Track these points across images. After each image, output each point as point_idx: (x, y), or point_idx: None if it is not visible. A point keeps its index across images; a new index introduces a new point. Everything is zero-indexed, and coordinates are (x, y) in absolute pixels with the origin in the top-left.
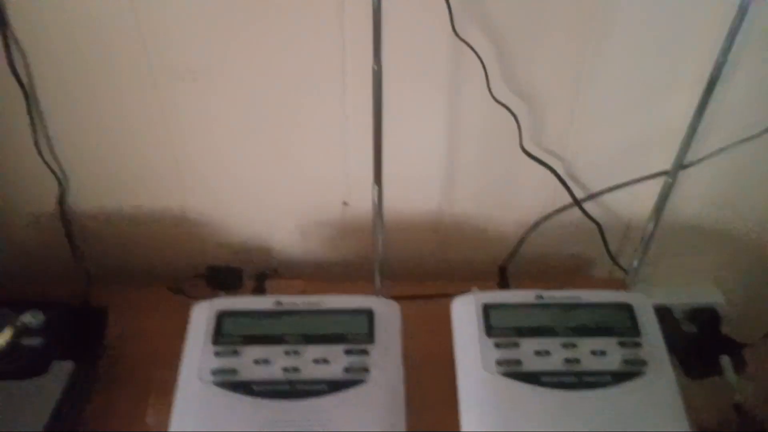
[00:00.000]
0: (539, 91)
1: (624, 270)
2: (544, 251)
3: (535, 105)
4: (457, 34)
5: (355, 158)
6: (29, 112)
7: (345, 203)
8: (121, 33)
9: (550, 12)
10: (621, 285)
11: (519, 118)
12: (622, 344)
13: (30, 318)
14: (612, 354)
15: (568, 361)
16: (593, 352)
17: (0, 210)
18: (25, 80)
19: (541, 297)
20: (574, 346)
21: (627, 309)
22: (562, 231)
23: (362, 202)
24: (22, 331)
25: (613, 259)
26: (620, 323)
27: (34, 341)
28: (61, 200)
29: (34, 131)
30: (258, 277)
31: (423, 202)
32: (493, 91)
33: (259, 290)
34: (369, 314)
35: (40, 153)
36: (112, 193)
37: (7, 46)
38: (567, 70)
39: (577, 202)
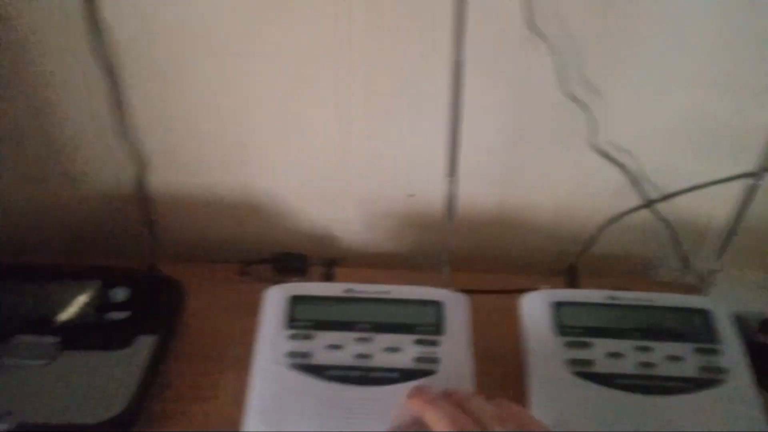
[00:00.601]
0: (612, 87)
1: (698, 274)
2: (610, 250)
3: (608, 101)
4: (531, 27)
5: (421, 149)
6: (112, 92)
7: (411, 195)
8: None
9: (632, 10)
10: (689, 289)
11: (591, 114)
12: (699, 350)
13: (118, 292)
14: (688, 360)
15: (642, 364)
16: (669, 357)
17: (78, 187)
18: (109, 60)
19: (613, 297)
20: (648, 349)
21: (703, 314)
22: (630, 230)
23: (428, 194)
24: (109, 305)
25: (687, 262)
26: (696, 329)
27: (121, 315)
28: (140, 179)
29: (118, 111)
30: (327, 264)
31: (488, 195)
32: (564, 85)
33: (328, 277)
34: (439, 306)
35: (122, 133)
36: (188, 173)
37: (94, 27)
38: (643, 69)
39: (649, 204)
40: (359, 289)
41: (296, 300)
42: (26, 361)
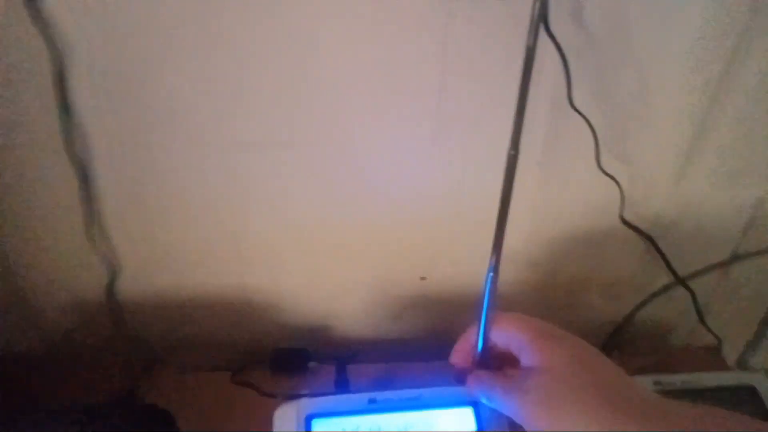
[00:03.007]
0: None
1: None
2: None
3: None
4: (572, 106)
5: (434, 232)
6: (82, 193)
7: (423, 278)
8: (188, 104)
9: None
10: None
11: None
12: None
13: None
14: None
15: None
16: None
17: (46, 297)
18: (80, 158)
19: (659, 383)
20: None
21: (751, 391)
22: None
23: (439, 277)
24: None
25: (712, 332)
26: (748, 408)
27: None
28: (111, 287)
29: (88, 214)
30: (338, 365)
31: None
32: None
33: (342, 379)
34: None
35: (91, 237)
36: (167, 276)
37: (68, 129)
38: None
39: (679, 279)
40: (384, 398)
41: (313, 418)
42: None
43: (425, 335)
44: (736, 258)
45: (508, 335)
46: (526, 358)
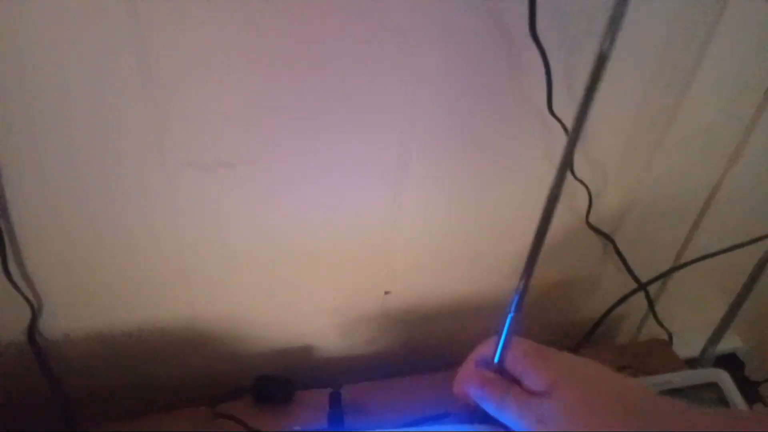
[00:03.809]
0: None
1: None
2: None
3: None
4: (551, 112)
5: (398, 245)
6: None
7: (387, 292)
8: (126, 121)
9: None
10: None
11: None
12: None
13: None
14: None
15: None
16: None
17: None
18: None
19: None
20: None
21: (714, 388)
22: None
23: (405, 291)
24: None
25: (662, 325)
26: (712, 404)
27: None
28: (32, 328)
29: (2, 250)
30: (332, 396)
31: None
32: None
33: (336, 408)
34: None
35: (7, 273)
36: (101, 313)
37: None
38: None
39: (636, 279)
40: None
41: None
42: None
43: (405, 349)
44: (683, 261)
45: (509, 359)
46: (530, 382)
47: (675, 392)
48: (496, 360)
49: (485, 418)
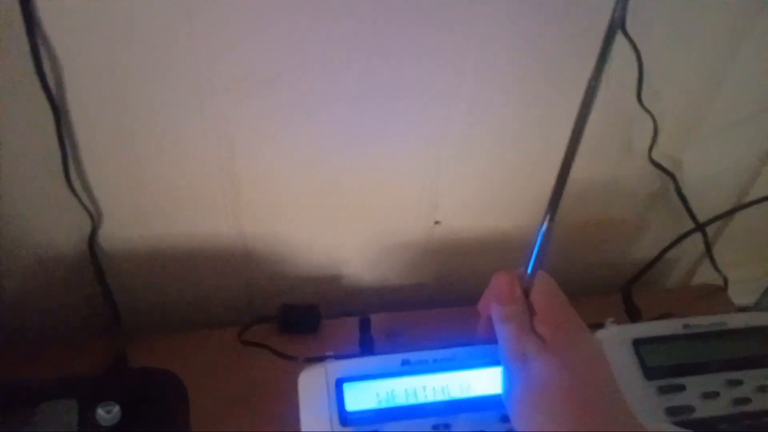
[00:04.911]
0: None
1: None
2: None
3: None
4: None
5: (445, 175)
6: (59, 132)
7: (437, 222)
8: (171, 40)
9: None
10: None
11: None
12: None
13: (103, 414)
14: None
15: (737, 402)
16: (761, 388)
17: (19, 249)
18: (56, 95)
19: (688, 326)
20: (740, 382)
21: None
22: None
23: (453, 221)
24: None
25: (718, 269)
26: None
27: None
28: (92, 238)
29: (65, 156)
30: (362, 322)
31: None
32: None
33: (366, 339)
34: None
35: (69, 183)
36: (153, 225)
37: (37, 54)
38: None
39: (695, 221)
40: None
41: (344, 383)
42: None
43: (438, 282)
44: (744, 203)
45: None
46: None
47: (729, 333)
48: (528, 271)
49: None
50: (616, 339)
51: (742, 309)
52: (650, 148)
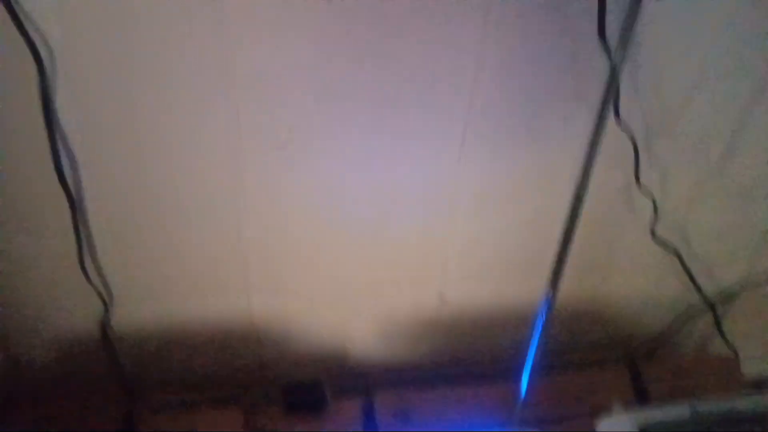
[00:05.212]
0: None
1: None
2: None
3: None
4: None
5: (453, 251)
6: (75, 223)
7: (442, 296)
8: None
9: None
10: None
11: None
12: None
13: None
14: None
15: None
16: None
17: (37, 333)
18: (72, 188)
19: (696, 412)
20: None
21: None
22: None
23: (460, 298)
24: None
25: (728, 344)
26: None
27: None
28: (105, 318)
29: (79, 245)
30: (364, 404)
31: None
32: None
33: (369, 419)
34: None
35: (84, 270)
36: (165, 303)
37: (54, 148)
38: None
39: (702, 295)
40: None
41: None
42: None
43: (444, 359)
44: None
45: None
46: None
47: (738, 419)
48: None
49: None
50: (624, 425)
51: (756, 383)
52: (652, 227)
